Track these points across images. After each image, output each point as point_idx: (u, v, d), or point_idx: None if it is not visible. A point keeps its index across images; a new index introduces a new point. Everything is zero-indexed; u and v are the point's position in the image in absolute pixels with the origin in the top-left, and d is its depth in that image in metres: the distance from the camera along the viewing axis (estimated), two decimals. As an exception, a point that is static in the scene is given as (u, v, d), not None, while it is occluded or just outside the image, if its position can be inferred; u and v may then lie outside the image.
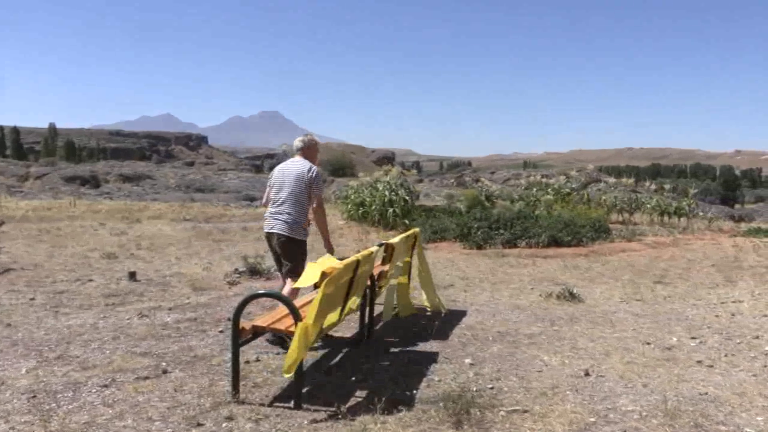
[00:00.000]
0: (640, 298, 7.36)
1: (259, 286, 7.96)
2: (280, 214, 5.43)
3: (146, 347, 5.18)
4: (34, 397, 3.99)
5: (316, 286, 3.94)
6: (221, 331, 5.71)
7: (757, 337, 5.57)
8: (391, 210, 13.71)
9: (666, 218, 15.45)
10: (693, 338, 5.57)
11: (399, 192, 14.04)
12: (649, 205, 15.62)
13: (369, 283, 5.43)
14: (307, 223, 5.54)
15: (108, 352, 5.02)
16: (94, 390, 4.13)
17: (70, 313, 6.36)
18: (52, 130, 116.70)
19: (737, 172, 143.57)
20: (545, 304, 6.98)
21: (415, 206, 14.17)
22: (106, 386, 4.21)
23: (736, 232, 13.87)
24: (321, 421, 3.67)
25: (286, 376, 3.80)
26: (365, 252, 4.91)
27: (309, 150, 5.67)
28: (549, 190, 16.63)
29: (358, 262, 4.52)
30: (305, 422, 3.65)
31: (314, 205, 5.52)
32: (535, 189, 17.25)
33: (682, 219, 15.30)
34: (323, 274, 3.89)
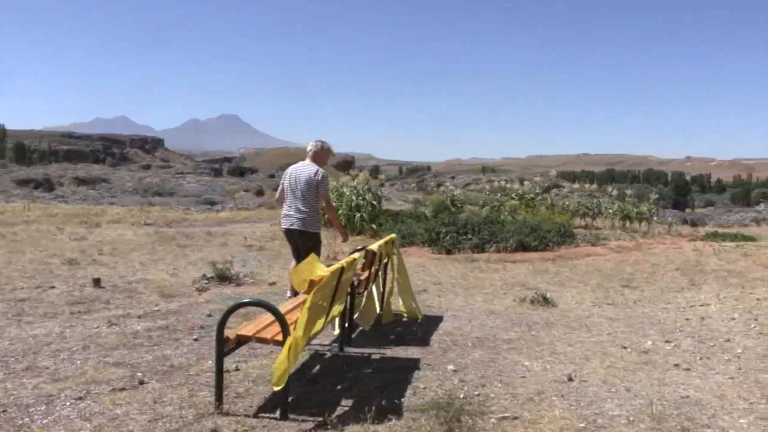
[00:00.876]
0: (612, 302, 7.47)
1: (229, 292, 7.80)
2: (296, 212, 6.37)
3: (119, 357, 5.00)
4: (5, 411, 3.80)
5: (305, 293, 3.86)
6: (196, 340, 5.56)
7: (729, 340, 5.68)
8: (358, 215, 13.64)
9: (627, 223, 15.76)
10: (667, 341, 5.66)
11: (366, 197, 13.97)
12: (611, 210, 15.92)
13: (349, 290, 5.36)
14: (319, 217, 6.53)
15: (79, 362, 4.82)
16: (68, 403, 3.96)
17: (33, 321, 6.11)
18: (1, 131, 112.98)
19: (688, 178, 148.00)
20: (520, 309, 7.01)
21: (381, 211, 14.12)
22: (80, 398, 4.04)
23: (695, 237, 14.25)
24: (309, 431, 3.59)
25: (276, 388, 3.70)
26: (348, 259, 4.84)
27: (317, 154, 6.53)
28: (513, 195, 16.80)
29: (342, 269, 4.44)
30: (293, 434, 3.57)
31: (324, 203, 6.48)
32: (499, 194, 17.40)
33: (642, 224, 15.63)
34: (311, 283, 3.81)
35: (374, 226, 13.44)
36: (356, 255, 5.12)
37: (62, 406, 3.90)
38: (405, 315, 6.54)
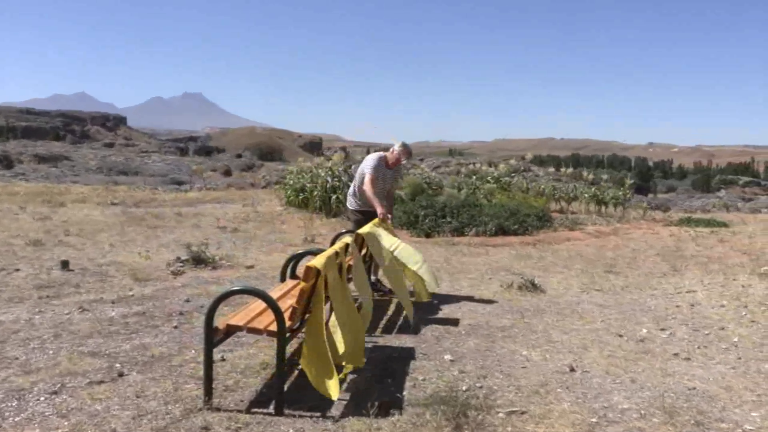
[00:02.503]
0: (600, 288, 7.36)
1: (206, 276, 7.48)
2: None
3: (94, 346, 4.68)
4: (-28, 407, 3.48)
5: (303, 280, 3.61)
6: (175, 327, 5.26)
7: (723, 329, 5.61)
8: (334, 196, 13.34)
9: (603, 208, 15.78)
10: (662, 330, 5.56)
11: (342, 178, 13.67)
12: (587, 195, 15.92)
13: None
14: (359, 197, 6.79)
15: (51, 352, 4.50)
16: (42, 398, 3.66)
17: (-1, 307, 5.73)
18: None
19: (650, 164, 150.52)
20: (508, 295, 6.85)
21: (358, 193, 13.83)
22: (55, 393, 3.73)
23: (669, 222, 14.32)
24: (308, 429, 3.36)
25: (333, 398, 3.56)
26: (340, 243, 4.59)
27: (392, 153, 6.69)
28: (488, 178, 16.68)
29: (336, 254, 4.19)
30: (291, 430, 3.33)
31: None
32: (474, 177, 17.26)
33: (617, 208, 15.66)
34: (312, 270, 3.56)
35: (351, 208, 13.17)
36: (347, 239, 4.85)
37: (36, 402, 3.60)
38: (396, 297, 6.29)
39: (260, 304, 3.98)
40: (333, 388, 3.55)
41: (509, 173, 16.85)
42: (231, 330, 3.69)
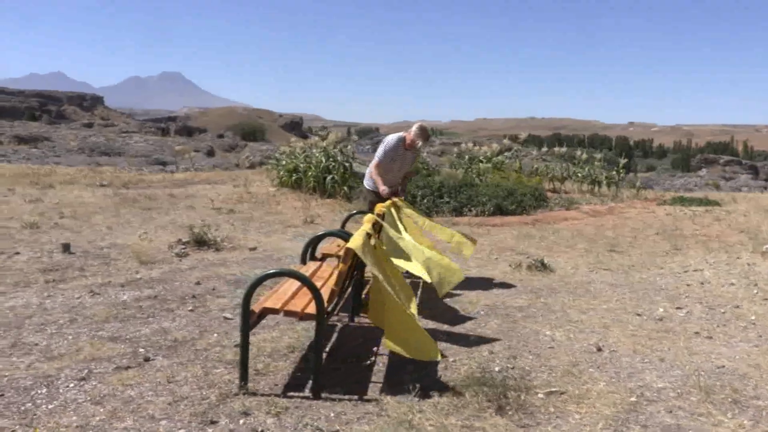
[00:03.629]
0: (608, 268, 7.38)
1: (211, 258, 7.38)
2: None
3: (113, 331, 4.58)
4: (2, 395, 3.38)
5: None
6: (191, 310, 5.18)
7: (738, 307, 5.65)
8: (329, 177, 13.22)
9: (596, 187, 15.84)
10: (678, 308, 5.59)
11: (338, 158, 13.54)
12: (580, 174, 15.96)
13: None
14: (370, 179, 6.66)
15: (71, 337, 4.39)
16: (71, 384, 3.57)
17: (6, 291, 5.58)
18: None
19: (631, 143, 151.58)
20: (519, 275, 6.84)
21: (352, 173, 13.73)
22: (83, 379, 3.64)
23: (662, 201, 14.40)
24: (349, 413, 3.31)
25: (436, 358, 3.66)
26: (368, 223, 4.51)
27: (409, 134, 6.41)
28: (481, 158, 16.62)
29: (368, 234, 4.12)
30: (332, 415, 3.28)
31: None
32: (466, 157, 17.19)
33: (611, 188, 15.73)
34: (351, 251, 3.49)
35: (346, 188, 13.06)
36: (370, 217, 4.76)
37: (65, 389, 3.51)
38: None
39: (291, 287, 3.92)
40: (433, 349, 3.64)
41: (502, 152, 16.80)
42: (264, 312, 3.61)
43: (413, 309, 3.99)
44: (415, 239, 5.46)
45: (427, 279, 4.54)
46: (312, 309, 3.50)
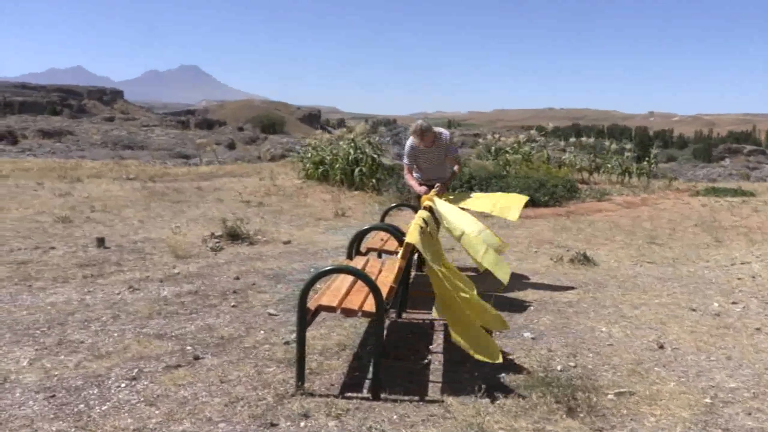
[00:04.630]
0: (652, 261, 7.17)
1: (246, 251, 7.28)
2: None
3: (157, 328, 4.49)
4: (53, 396, 3.30)
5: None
6: (234, 306, 5.08)
7: (796, 301, 5.43)
8: (357, 169, 13.08)
9: (626, 178, 15.55)
10: (733, 303, 5.38)
11: (366, 150, 13.39)
12: (609, 165, 15.68)
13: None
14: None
15: (116, 335, 4.31)
16: (122, 384, 3.47)
17: (46, 287, 5.52)
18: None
19: (651, 133, 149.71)
20: (562, 269, 6.67)
21: (381, 165, 13.58)
22: (134, 378, 3.55)
23: (694, 192, 14.11)
24: (412, 415, 3.18)
25: (497, 360, 3.49)
26: (420, 216, 4.37)
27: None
28: (508, 149, 16.40)
29: (421, 228, 3.98)
30: (394, 417, 3.15)
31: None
32: (492, 148, 16.97)
33: (642, 178, 15.43)
34: (409, 246, 3.35)
35: (374, 181, 12.92)
36: (424, 213, 4.61)
37: (117, 389, 3.42)
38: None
39: (343, 283, 3.79)
40: (496, 351, 3.52)
41: (528, 143, 16.55)
42: (319, 310, 3.49)
43: (475, 296, 3.84)
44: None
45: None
46: (369, 306, 3.37)
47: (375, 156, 13.25)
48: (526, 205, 11.04)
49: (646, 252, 7.75)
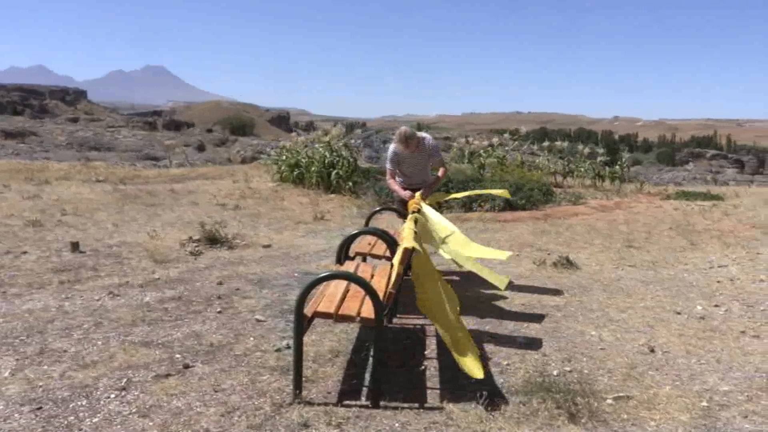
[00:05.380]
0: (633, 265, 7.25)
1: (226, 256, 7.16)
2: None
3: (143, 335, 4.37)
4: (40, 408, 3.18)
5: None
6: (219, 312, 4.97)
7: (776, 304, 5.53)
8: (334, 172, 12.99)
9: (598, 182, 15.74)
10: (716, 306, 5.46)
11: (342, 153, 13.31)
12: (582, 169, 15.86)
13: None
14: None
15: (100, 343, 4.18)
16: (112, 395, 3.36)
17: (21, 294, 5.35)
18: None
19: (616, 137, 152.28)
20: (546, 272, 6.70)
21: (357, 168, 13.51)
22: (124, 389, 3.44)
23: (665, 196, 14.34)
24: (414, 423, 3.13)
25: (479, 376, 3.34)
26: (411, 220, 4.34)
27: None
28: (482, 152, 16.46)
29: (416, 232, 3.95)
30: (396, 425, 3.10)
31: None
32: (466, 151, 17.01)
33: (614, 182, 15.63)
34: (408, 251, 3.31)
35: (351, 184, 12.85)
36: (415, 217, 4.58)
37: (106, 400, 3.30)
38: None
39: (338, 289, 3.73)
40: (476, 366, 3.40)
41: (502, 147, 16.64)
42: (315, 317, 3.42)
43: (457, 314, 3.79)
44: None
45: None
46: (367, 313, 3.32)
47: (352, 159, 13.18)
48: (504, 209, 11.12)
49: (625, 255, 7.83)
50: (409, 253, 3.31)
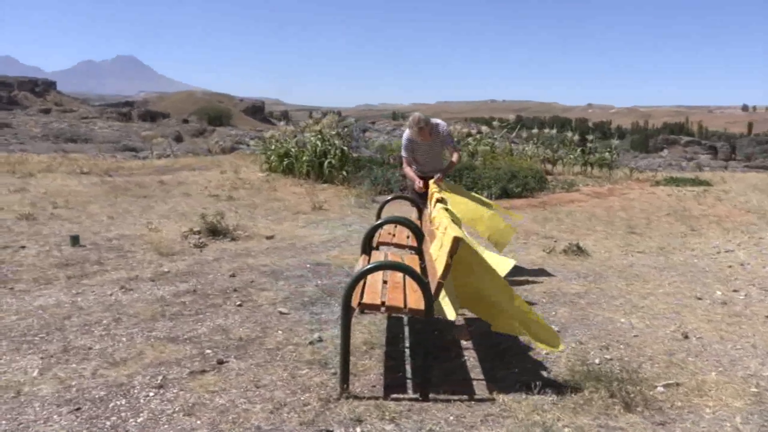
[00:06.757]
0: (640, 251, 7.26)
1: (232, 247, 7.01)
2: None
3: (167, 330, 4.23)
4: (79, 409, 3.04)
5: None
6: (239, 305, 4.85)
7: (792, 287, 5.57)
8: (326, 161, 12.84)
9: (588, 169, 15.82)
10: (735, 291, 5.47)
11: (335, 141, 13.15)
12: (572, 156, 15.92)
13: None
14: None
15: (124, 339, 4.03)
16: (150, 393, 3.23)
17: (29, 290, 5.15)
18: None
19: (590, 124, 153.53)
20: (557, 260, 6.67)
21: (349, 157, 13.36)
22: (161, 387, 3.31)
23: (655, 182, 14.45)
24: (469, 415, 3.06)
25: (560, 348, 3.55)
26: (442, 208, 4.25)
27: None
28: (470, 140, 16.42)
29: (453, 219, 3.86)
30: (451, 418, 3.03)
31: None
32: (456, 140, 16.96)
33: (603, 169, 15.72)
34: (457, 240, 3.22)
35: (344, 173, 12.71)
36: (440, 206, 4.49)
37: (146, 398, 3.18)
38: None
39: (375, 280, 3.63)
40: (551, 336, 3.51)
41: (493, 136, 16.63)
42: (363, 309, 3.32)
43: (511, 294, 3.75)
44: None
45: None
46: (415, 303, 3.23)
47: (344, 148, 13.03)
48: (500, 197, 11.08)
49: (631, 242, 7.85)
50: (458, 243, 3.22)
